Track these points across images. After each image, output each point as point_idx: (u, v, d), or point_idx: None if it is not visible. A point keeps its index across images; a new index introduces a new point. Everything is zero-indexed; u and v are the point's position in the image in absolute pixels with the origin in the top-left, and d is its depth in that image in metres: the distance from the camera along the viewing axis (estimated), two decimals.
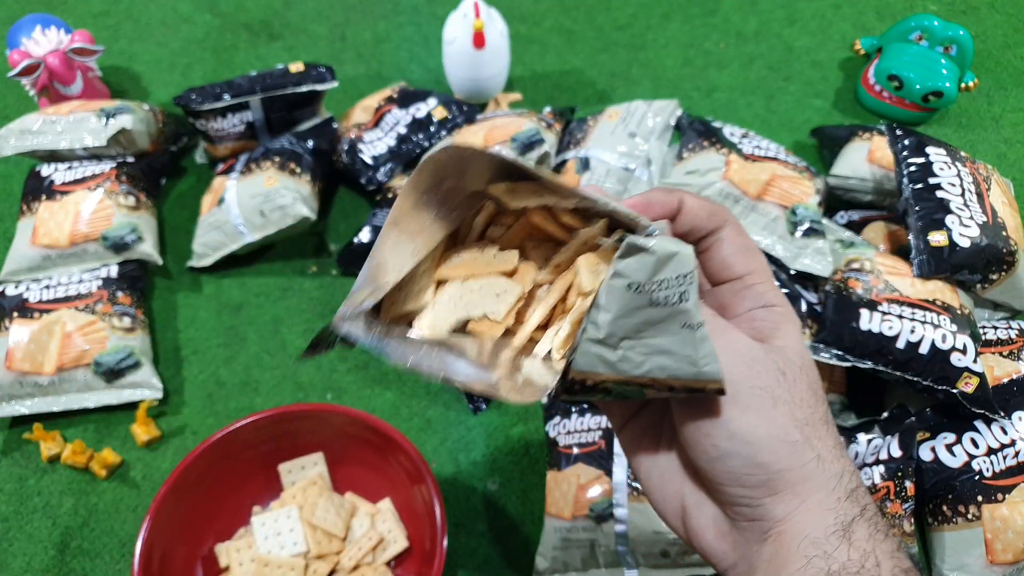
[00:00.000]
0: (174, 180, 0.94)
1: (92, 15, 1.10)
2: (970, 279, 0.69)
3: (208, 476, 0.62)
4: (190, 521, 0.62)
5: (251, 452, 0.65)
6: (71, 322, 0.74)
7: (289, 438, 0.66)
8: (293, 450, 0.67)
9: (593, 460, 0.65)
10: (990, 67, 1.03)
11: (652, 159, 0.80)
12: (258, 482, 0.66)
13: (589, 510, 0.63)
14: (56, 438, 0.73)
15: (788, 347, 0.30)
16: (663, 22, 1.09)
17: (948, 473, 0.64)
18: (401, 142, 0.88)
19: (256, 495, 0.66)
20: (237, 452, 0.64)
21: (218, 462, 0.63)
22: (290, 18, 1.10)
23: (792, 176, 0.75)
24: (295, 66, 0.90)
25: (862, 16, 1.10)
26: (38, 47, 0.89)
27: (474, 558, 0.68)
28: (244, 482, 0.65)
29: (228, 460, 0.64)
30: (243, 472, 0.65)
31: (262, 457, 0.66)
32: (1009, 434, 0.64)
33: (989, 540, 0.61)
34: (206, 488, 0.63)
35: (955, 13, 1.09)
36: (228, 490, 0.64)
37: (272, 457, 0.66)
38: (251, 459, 0.65)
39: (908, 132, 0.76)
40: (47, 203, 0.81)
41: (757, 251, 0.33)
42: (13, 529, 0.69)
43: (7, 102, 1.00)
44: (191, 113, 0.87)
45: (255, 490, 0.66)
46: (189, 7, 1.11)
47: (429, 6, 1.11)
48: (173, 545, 0.60)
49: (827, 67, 1.04)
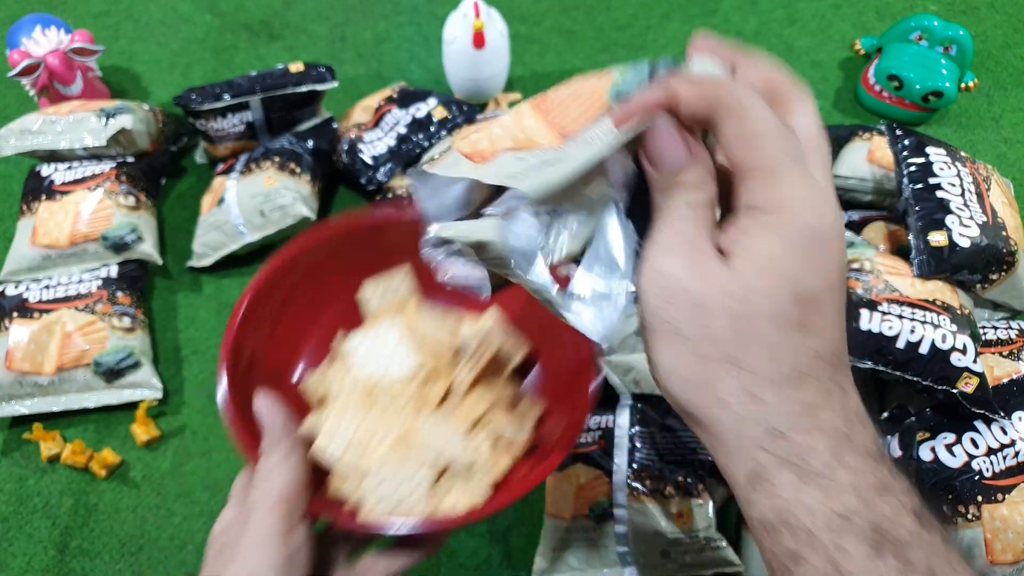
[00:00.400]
0: (174, 180, 0.94)
1: (92, 15, 1.10)
2: (970, 279, 0.69)
3: (287, 298, 0.51)
4: (270, 350, 0.50)
5: (326, 272, 0.53)
6: (71, 322, 0.74)
7: (370, 252, 0.53)
8: (374, 269, 0.54)
9: (593, 460, 0.66)
10: (990, 67, 1.03)
11: None
12: (337, 308, 0.54)
13: (589, 510, 0.63)
14: (56, 438, 0.73)
15: (745, 270, 0.26)
16: (663, 22, 1.09)
17: (948, 473, 0.64)
18: (401, 142, 0.88)
19: (336, 323, 0.54)
20: (311, 271, 0.52)
21: (294, 283, 0.51)
22: (290, 18, 1.10)
23: None
24: (295, 66, 0.90)
25: (862, 16, 1.10)
26: (38, 47, 0.89)
27: (474, 558, 0.68)
28: (321, 309, 0.53)
29: (303, 281, 0.52)
30: (321, 295, 0.54)
31: (341, 275, 0.53)
32: (1009, 434, 0.64)
33: (989, 540, 0.61)
34: (284, 312, 0.51)
35: (955, 13, 1.09)
36: (306, 317, 0.53)
37: (351, 277, 0.54)
38: (327, 278, 0.53)
39: (908, 132, 0.76)
40: (47, 203, 0.81)
41: (767, 138, 0.27)
42: (13, 529, 0.69)
43: (7, 102, 1.00)
44: (191, 113, 0.87)
45: (334, 318, 0.54)
46: (189, 7, 1.11)
47: (429, 6, 1.11)
48: (254, 375, 0.48)
49: (827, 67, 1.04)
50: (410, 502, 0.42)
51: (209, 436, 0.75)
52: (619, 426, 0.67)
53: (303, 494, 0.37)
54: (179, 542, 0.70)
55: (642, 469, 0.64)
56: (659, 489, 0.63)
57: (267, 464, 0.37)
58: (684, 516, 0.62)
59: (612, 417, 0.67)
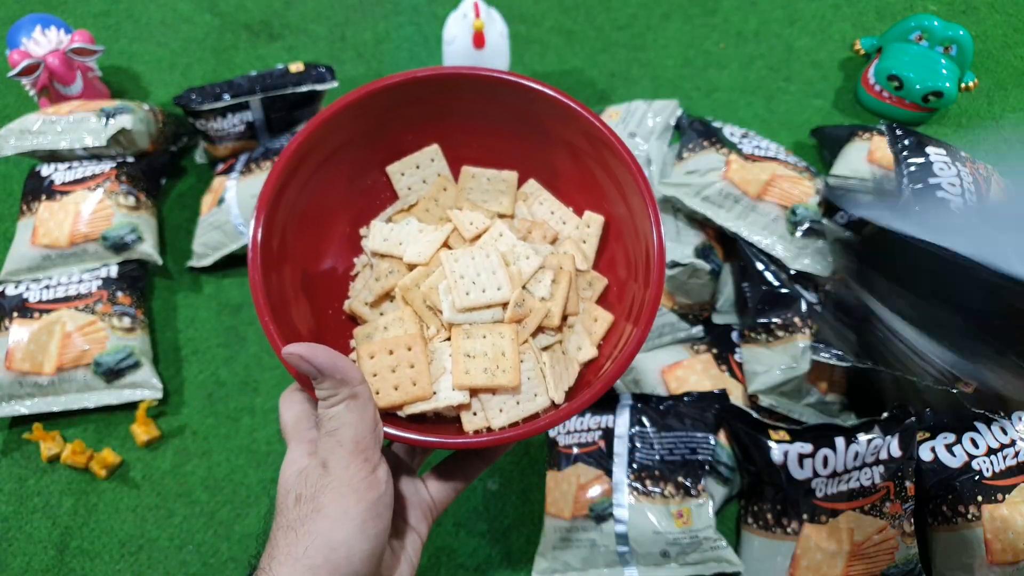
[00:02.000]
0: (174, 180, 0.94)
1: (92, 15, 1.10)
2: None
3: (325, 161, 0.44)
4: (302, 230, 0.44)
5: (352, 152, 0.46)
6: (71, 322, 0.74)
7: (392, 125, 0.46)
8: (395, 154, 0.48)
9: (592, 460, 0.66)
10: (990, 67, 1.03)
11: (652, 159, 0.80)
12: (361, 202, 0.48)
13: (589, 510, 0.63)
14: (56, 438, 0.73)
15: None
16: (663, 22, 1.09)
17: (948, 473, 0.64)
18: None
19: (359, 218, 0.48)
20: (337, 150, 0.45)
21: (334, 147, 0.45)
22: (290, 18, 1.10)
23: (792, 176, 0.75)
24: (295, 66, 0.90)
25: (862, 16, 1.10)
26: (38, 47, 0.89)
27: (474, 558, 0.68)
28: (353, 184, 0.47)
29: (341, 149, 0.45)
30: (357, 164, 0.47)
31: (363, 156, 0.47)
32: (1009, 434, 0.64)
33: (989, 540, 0.61)
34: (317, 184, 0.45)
35: (955, 13, 1.09)
36: (336, 196, 0.46)
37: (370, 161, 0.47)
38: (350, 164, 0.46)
39: (908, 132, 0.76)
40: (47, 203, 0.81)
41: None
42: (13, 529, 0.69)
43: (7, 102, 1.00)
44: (191, 113, 0.87)
45: (363, 198, 0.48)
46: (189, 7, 1.11)
47: (429, 6, 1.11)
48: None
49: (827, 67, 1.04)
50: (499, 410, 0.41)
51: (209, 436, 0.75)
52: (619, 426, 0.67)
53: (378, 434, 0.37)
54: (179, 542, 0.70)
55: (642, 469, 0.64)
56: (659, 489, 0.63)
57: (335, 409, 0.36)
58: (684, 516, 0.62)
59: (612, 417, 0.67)
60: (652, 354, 0.74)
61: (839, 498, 0.63)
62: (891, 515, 0.62)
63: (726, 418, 0.68)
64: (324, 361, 0.35)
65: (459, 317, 0.42)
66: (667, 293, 0.75)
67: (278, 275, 0.42)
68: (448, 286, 0.43)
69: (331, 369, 0.35)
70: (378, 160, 0.48)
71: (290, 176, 0.42)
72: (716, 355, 0.73)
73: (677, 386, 0.71)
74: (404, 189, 0.49)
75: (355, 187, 0.48)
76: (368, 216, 0.49)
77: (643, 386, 0.71)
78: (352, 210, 0.48)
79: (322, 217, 0.47)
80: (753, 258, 0.70)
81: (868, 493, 0.62)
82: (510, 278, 0.43)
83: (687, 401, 0.68)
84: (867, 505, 0.62)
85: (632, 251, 0.45)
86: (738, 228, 0.71)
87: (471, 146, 0.49)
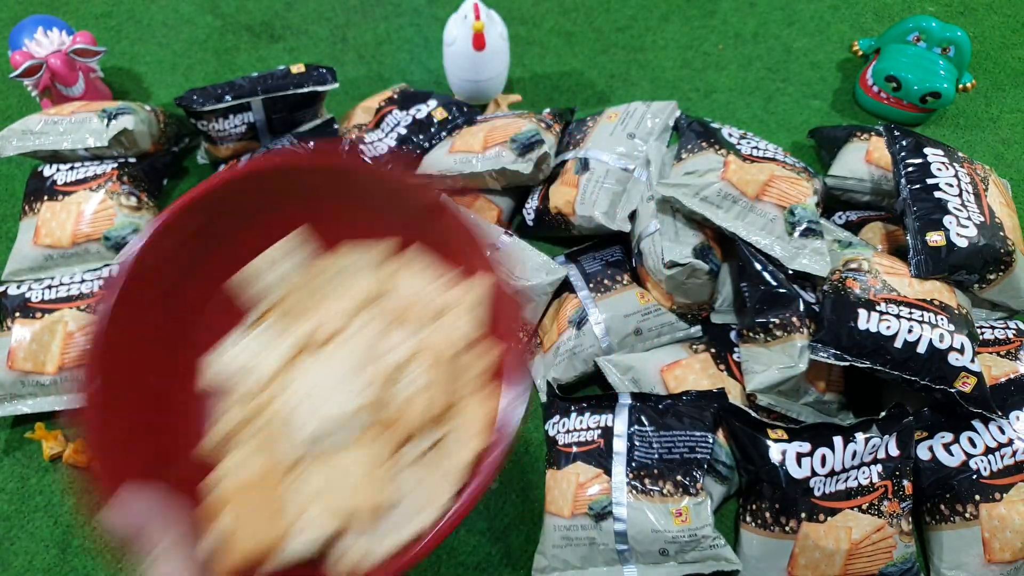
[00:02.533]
0: (176, 181, 0.94)
1: (94, 16, 1.11)
2: (968, 279, 0.69)
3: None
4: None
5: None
6: (73, 322, 0.74)
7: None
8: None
9: (592, 459, 0.66)
10: (988, 68, 1.03)
11: (651, 160, 0.80)
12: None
13: (588, 508, 0.64)
14: (58, 437, 0.73)
15: None
16: (662, 24, 1.09)
17: (946, 472, 0.64)
18: (402, 143, 0.88)
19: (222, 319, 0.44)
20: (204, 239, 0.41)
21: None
22: (291, 20, 1.11)
23: (790, 177, 0.75)
24: (296, 67, 0.90)
25: (860, 17, 1.10)
26: (40, 48, 0.89)
27: (474, 556, 0.68)
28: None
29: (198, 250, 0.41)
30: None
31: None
32: (1007, 433, 0.64)
33: (987, 539, 0.62)
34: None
35: (953, 14, 1.10)
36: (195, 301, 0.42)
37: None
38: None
39: (906, 133, 0.76)
40: (49, 203, 0.81)
41: None
42: (15, 528, 0.70)
43: (9, 103, 1.01)
44: (193, 114, 0.87)
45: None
46: (191, 8, 1.12)
47: (430, 8, 1.11)
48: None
49: (825, 68, 1.04)
50: None
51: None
52: (618, 425, 0.67)
53: None
54: None
55: (641, 468, 0.64)
56: (658, 488, 0.63)
57: (165, 570, 0.36)
58: (682, 514, 0.62)
59: (611, 416, 0.68)
60: (651, 353, 0.74)
61: (837, 497, 0.63)
62: (889, 514, 0.62)
63: (725, 417, 0.68)
64: (154, 516, 0.36)
65: (308, 448, 0.39)
66: (666, 293, 0.75)
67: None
68: (288, 415, 0.39)
69: (160, 526, 0.36)
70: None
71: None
72: (715, 354, 0.73)
73: (676, 385, 0.71)
74: (259, 295, 0.45)
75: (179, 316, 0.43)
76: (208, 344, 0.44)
77: (642, 385, 0.72)
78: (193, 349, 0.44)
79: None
80: (751, 258, 0.71)
81: (866, 492, 0.63)
82: (370, 381, 0.38)
83: (686, 400, 0.68)
84: (865, 504, 0.62)
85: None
86: (736, 228, 0.72)
87: (343, 223, 0.45)
